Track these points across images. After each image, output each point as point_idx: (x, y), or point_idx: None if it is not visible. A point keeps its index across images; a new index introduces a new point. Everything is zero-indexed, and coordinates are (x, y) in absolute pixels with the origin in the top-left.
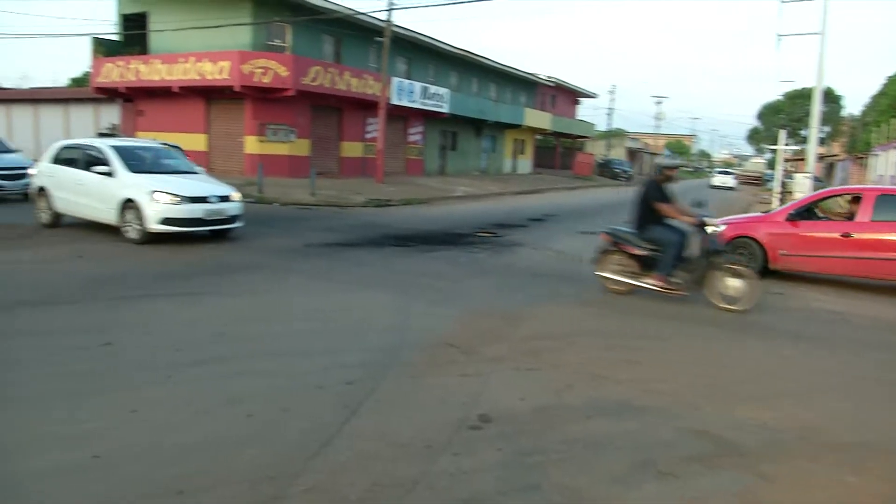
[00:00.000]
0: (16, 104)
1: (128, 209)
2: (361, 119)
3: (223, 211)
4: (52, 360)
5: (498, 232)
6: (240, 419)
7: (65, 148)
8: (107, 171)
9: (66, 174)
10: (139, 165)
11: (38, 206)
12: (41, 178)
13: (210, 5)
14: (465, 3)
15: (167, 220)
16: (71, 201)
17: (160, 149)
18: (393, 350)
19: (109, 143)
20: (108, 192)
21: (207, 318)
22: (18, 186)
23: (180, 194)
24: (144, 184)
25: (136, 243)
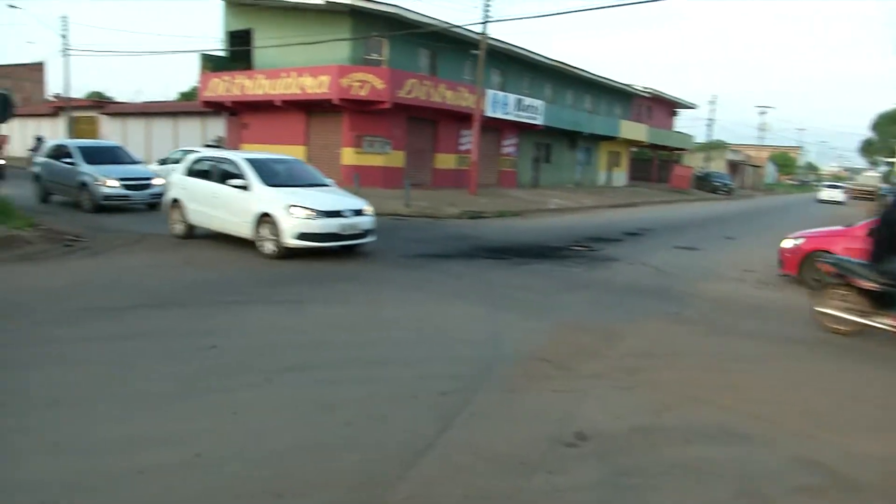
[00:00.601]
0: (130, 117)
1: (263, 223)
2: (456, 131)
3: (357, 225)
4: (161, 361)
5: (592, 246)
6: (336, 425)
7: (199, 160)
8: (242, 185)
9: (200, 186)
10: (274, 178)
11: (172, 217)
12: (175, 189)
13: (311, 22)
14: (560, 14)
15: (303, 234)
16: (205, 214)
17: (293, 161)
18: (486, 363)
19: (244, 156)
20: (244, 205)
21: (306, 325)
22: (143, 196)
23: (316, 208)
24: (281, 197)
25: (272, 258)
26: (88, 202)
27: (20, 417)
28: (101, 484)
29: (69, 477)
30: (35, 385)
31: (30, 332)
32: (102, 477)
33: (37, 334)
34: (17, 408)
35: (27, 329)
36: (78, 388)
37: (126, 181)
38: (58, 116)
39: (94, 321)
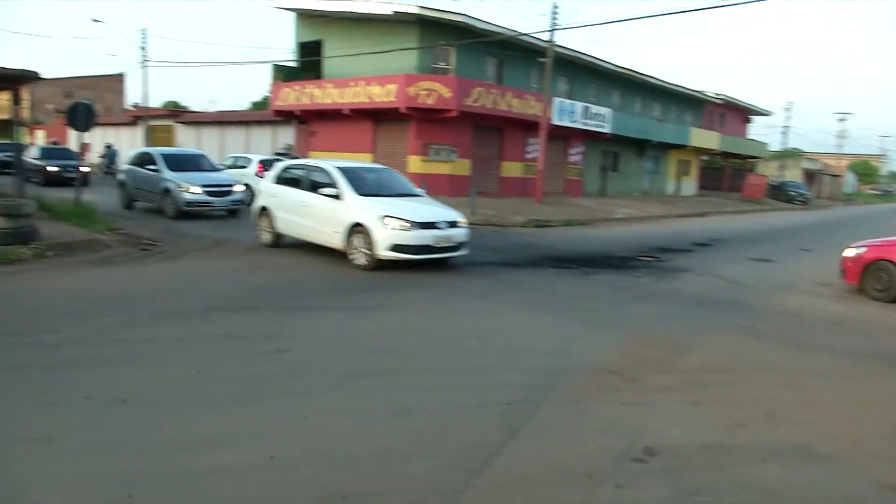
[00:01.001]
0: (204, 126)
1: (355, 234)
2: (522, 139)
3: (451, 237)
4: (233, 364)
5: (661, 256)
6: (404, 432)
7: (288, 168)
8: (334, 194)
9: (290, 195)
10: (365, 188)
11: (260, 225)
12: (264, 197)
13: (379, 31)
14: (629, 20)
15: (397, 246)
16: (294, 223)
17: (384, 170)
18: (553, 373)
19: (336, 164)
20: (335, 215)
21: (374, 331)
22: (224, 203)
23: (411, 219)
24: (374, 207)
25: (365, 270)
26: (171, 208)
27: (90, 415)
28: (172, 482)
29: (137, 474)
30: (106, 384)
31: (104, 332)
32: (173, 475)
33: (111, 335)
34: (87, 405)
35: (102, 329)
36: (149, 388)
37: (208, 188)
38: (136, 125)
39: (167, 323)
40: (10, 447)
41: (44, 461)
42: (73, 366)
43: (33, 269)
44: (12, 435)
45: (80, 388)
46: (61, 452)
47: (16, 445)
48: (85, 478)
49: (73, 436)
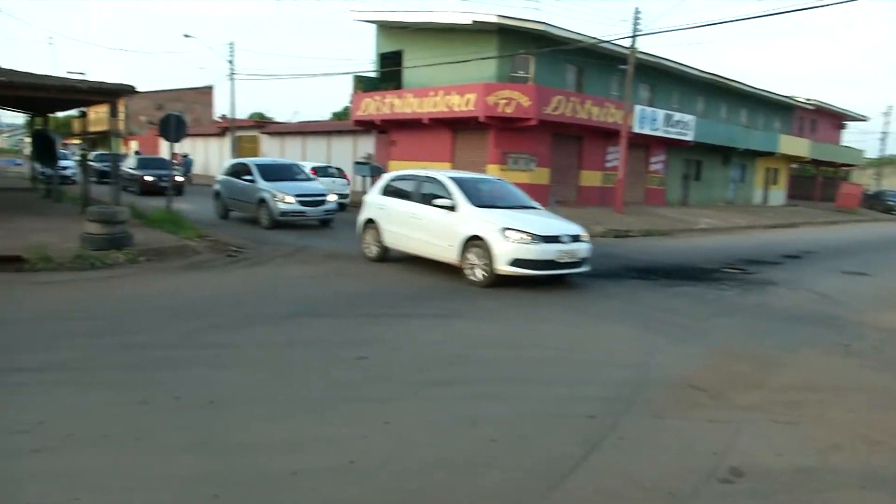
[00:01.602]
0: (288, 136)
1: (472, 247)
2: (602, 148)
3: (574, 252)
4: (314, 369)
5: (747, 268)
6: (482, 441)
7: (396, 179)
8: (448, 205)
9: (398, 206)
10: (480, 199)
11: (365, 238)
12: (370, 209)
13: (459, 41)
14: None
15: (518, 261)
16: (403, 236)
17: (497, 181)
18: (634, 387)
19: (449, 175)
20: (450, 227)
21: (453, 340)
22: (318, 213)
23: (533, 232)
24: (493, 220)
25: (481, 286)
26: (266, 218)
27: (179, 415)
28: (256, 483)
29: (222, 475)
30: (193, 386)
31: (193, 335)
32: (257, 477)
33: (199, 338)
34: (177, 406)
35: (190, 332)
36: (233, 390)
37: (301, 197)
38: (223, 136)
39: (252, 328)
40: (102, 443)
41: (134, 458)
42: (164, 367)
43: (127, 274)
44: (105, 432)
45: (170, 389)
46: (151, 450)
47: (107, 442)
48: (172, 476)
49: (163, 435)
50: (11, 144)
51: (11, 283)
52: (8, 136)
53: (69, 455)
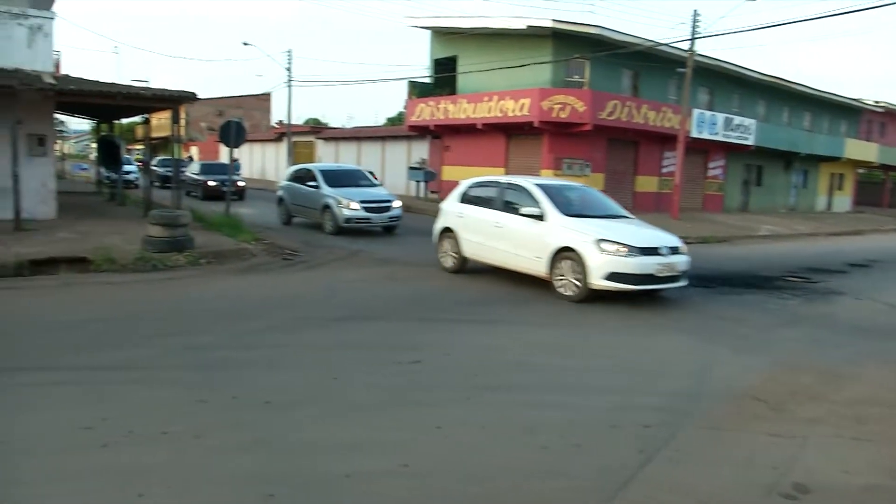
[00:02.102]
0: (343, 141)
1: (562, 259)
2: (658, 153)
3: (674, 265)
4: (368, 372)
5: (811, 277)
6: (535, 449)
7: (477, 185)
8: (536, 214)
9: (479, 215)
10: (570, 208)
11: (442, 248)
12: (447, 217)
13: (513, 46)
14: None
15: (614, 275)
16: (484, 246)
17: (584, 188)
18: (692, 397)
19: (534, 182)
20: (538, 238)
21: (506, 345)
22: (382, 219)
23: (630, 244)
24: (587, 230)
25: (573, 301)
26: (331, 224)
27: (236, 414)
28: (311, 484)
29: (278, 474)
30: (250, 386)
31: (249, 336)
32: (312, 478)
33: (255, 339)
34: (234, 405)
35: (247, 334)
36: (289, 391)
37: (367, 203)
38: (280, 142)
39: (307, 330)
40: (163, 440)
41: (193, 456)
42: (222, 367)
43: (187, 276)
44: (166, 429)
45: (227, 389)
46: (209, 448)
47: (167, 439)
48: (229, 474)
49: (221, 433)
50: (78, 150)
51: (78, 284)
52: (75, 142)
53: (131, 451)
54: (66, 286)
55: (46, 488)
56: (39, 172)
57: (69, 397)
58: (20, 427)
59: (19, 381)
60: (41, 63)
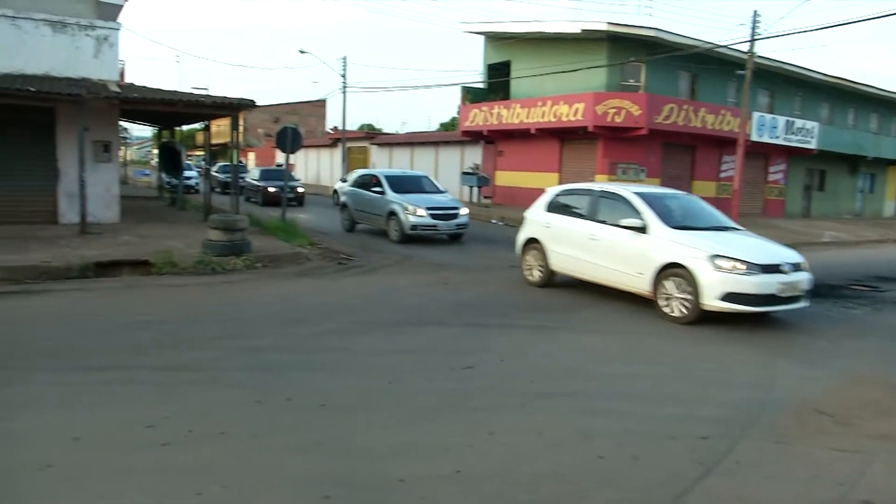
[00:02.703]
0: (396, 147)
1: (669, 277)
2: (716, 157)
3: (797, 284)
4: (421, 376)
5: (879, 286)
6: (590, 458)
7: (566, 193)
8: (637, 226)
9: (569, 225)
10: (674, 219)
11: (526, 260)
12: (533, 227)
13: (567, 50)
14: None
15: (731, 295)
16: (575, 259)
17: (686, 197)
18: (753, 409)
19: (633, 190)
20: (640, 252)
21: (561, 352)
22: (449, 227)
23: (750, 261)
24: (698, 244)
25: (680, 323)
26: (396, 232)
27: (292, 416)
28: (366, 487)
29: (333, 476)
30: (305, 388)
31: (305, 340)
32: (366, 481)
33: (311, 343)
34: (290, 407)
35: (303, 337)
36: (343, 395)
37: (433, 210)
38: (335, 147)
39: (361, 334)
40: (221, 440)
41: (250, 456)
42: (278, 369)
43: (245, 279)
44: (224, 429)
45: (284, 391)
46: (265, 449)
47: (226, 439)
48: (286, 474)
49: (277, 434)
50: (140, 156)
51: (140, 286)
52: (137, 148)
53: (191, 450)
54: (128, 288)
55: (113, 484)
56: (104, 178)
57: (134, 396)
58: (91, 424)
59: (89, 379)
60: (107, 72)
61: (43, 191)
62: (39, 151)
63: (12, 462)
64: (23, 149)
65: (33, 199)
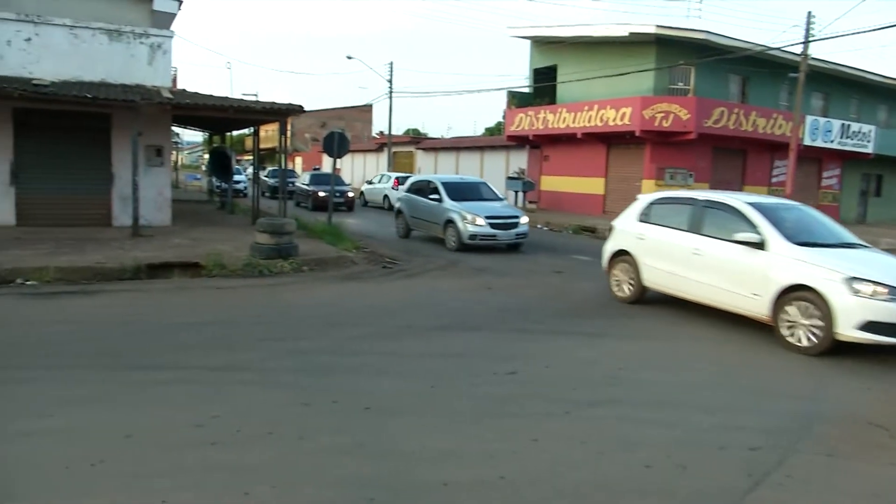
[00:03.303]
0: (441, 151)
1: (791, 300)
2: (768, 161)
3: None
4: (465, 381)
5: None
6: (635, 467)
7: (663, 201)
8: (753, 241)
9: (668, 238)
10: (797, 234)
11: (614, 274)
12: (623, 238)
13: (615, 54)
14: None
15: (872, 325)
16: (674, 275)
17: (803, 208)
18: (803, 420)
19: (747, 200)
20: (756, 271)
21: (607, 358)
22: (509, 236)
23: (893, 285)
24: (830, 264)
25: (810, 354)
26: (454, 240)
27: (337, 419)
28: (409, 491)
29: (377, 479)
30: (351, 391)
31: (350, 343)
32: (410, 484)
33: (356, 346)
34: (335, 410)
35: (348, 340)
36: (388, 398)
37: (493, 219)
38: (381, 152)
39: (405, 338)
40: (268, 440)
41: (297, 456)
42: (324, 372)
43: (291, 282)
44: (271, 429)
45: (329, 393)
46: (312, 450)
47: (273, 440)
48: (331, 476)
49: (323, 436)
50: (191, 161)
51: (190, 288)
52: (188, 153)
53: (239, 450)
54: (179, 290)
55: (163, 482)
56: (156, 181)
57: (184, 395)
58: (142, 422)
59: (142, 378)
60: (160, 79)
61: (98, 194)
62: (95, 156)
63: (67, 457)
64: (80, 153)
65: (89, 202)
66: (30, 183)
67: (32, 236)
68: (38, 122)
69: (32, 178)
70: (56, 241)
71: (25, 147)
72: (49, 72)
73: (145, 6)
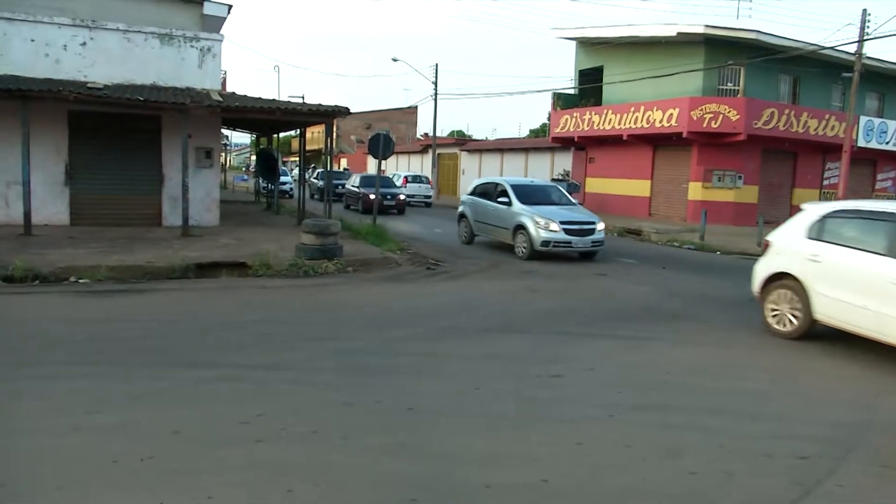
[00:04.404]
0: (486, 153)
1: None
2: (819, 163)
3: None
4: (509, 384)
5: None
6: (680, 473)
7: (843, 215)
8: None
9: (855, 262)
10: None
11: (772, 302)
12: (786, 258)
13: (661, 55)
14: None
15: None
16: (864, 310)
17: None
18: (856, 429)
19: None
20: None
21: (652, 363)
22: (584, 243)
23: None
24: None
25: None
26: (524, 247)
27: (380, 419)
28: (451, 492)
29: (419, 480)
30: (394, 392)
31: (394, 343)
32: (452, 486)
33: (399, 347)
34: (378, 410)
35: (392, 341)
36: (431, 399)
37: (567, 225)
38: (426, 153)
39: (449, 340)
40: (312, 439)
41: (340, 455)
42: (368, 372)
43: (336, 283)
44: (315, 428)
45: (372, 394)
46: (355, 450)
47: (316, 438)
48: (374, 476)
49: (367, 436)
50: (239, 162)
51: (237, 287)
52: (237, 155)
53: (283, 448)
54: (226, 289)
55: (210, 478)
56: (205, 183)
57: (230, 393)
58: (190, 418)
59: (190, 375)
60: (210, 82)
61: (148, 195)
62: (146, 157)
63: (117, 451)
64: (132, 155)
65: (140, 202)
66: (83, 184)
67: (85, 235)
68: (91, 125)
69: (86, 178)
70: (108, 241)
71: (79, 149)
72: (102, 75)
73: (196, 10)
